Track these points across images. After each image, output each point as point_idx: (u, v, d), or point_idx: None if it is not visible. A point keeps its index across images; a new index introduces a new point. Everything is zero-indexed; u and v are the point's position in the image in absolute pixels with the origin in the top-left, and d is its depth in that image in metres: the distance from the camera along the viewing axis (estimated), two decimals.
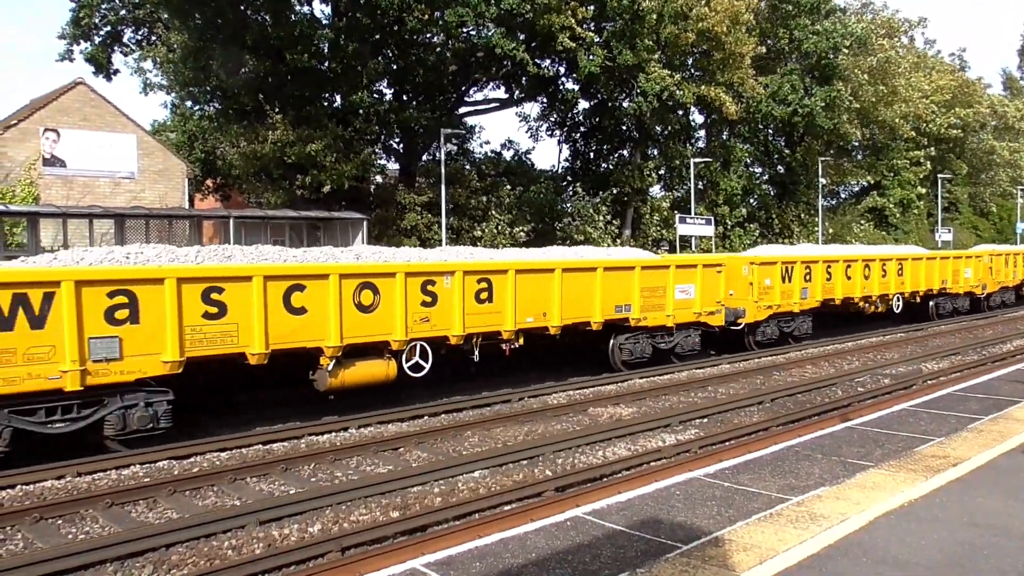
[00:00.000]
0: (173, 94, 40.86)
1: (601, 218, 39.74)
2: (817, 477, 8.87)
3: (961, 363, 19.40)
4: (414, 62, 34.50)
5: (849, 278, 23.71)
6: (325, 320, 12.40)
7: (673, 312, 17.81)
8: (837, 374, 17.91)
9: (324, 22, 33.20)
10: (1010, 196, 69.93)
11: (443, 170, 32.14)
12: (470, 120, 41.87)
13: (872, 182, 56.97)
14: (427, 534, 8.28)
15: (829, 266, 22.85)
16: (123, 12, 34.29)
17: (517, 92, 41.06)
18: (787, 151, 51.33)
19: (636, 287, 16.94)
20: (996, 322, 29.09)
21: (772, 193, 52.49)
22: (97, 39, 33.72)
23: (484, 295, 14.39)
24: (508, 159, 42.12)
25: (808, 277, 21.88)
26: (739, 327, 20.10)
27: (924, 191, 58.96)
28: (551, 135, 46.66)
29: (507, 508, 9.05)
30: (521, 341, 15.15)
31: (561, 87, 40.50)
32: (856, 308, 24.78)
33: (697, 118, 47.57)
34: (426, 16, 30.78)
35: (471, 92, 41.47)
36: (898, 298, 25.91)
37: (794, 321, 21.80)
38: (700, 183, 44.81)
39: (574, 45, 32.63)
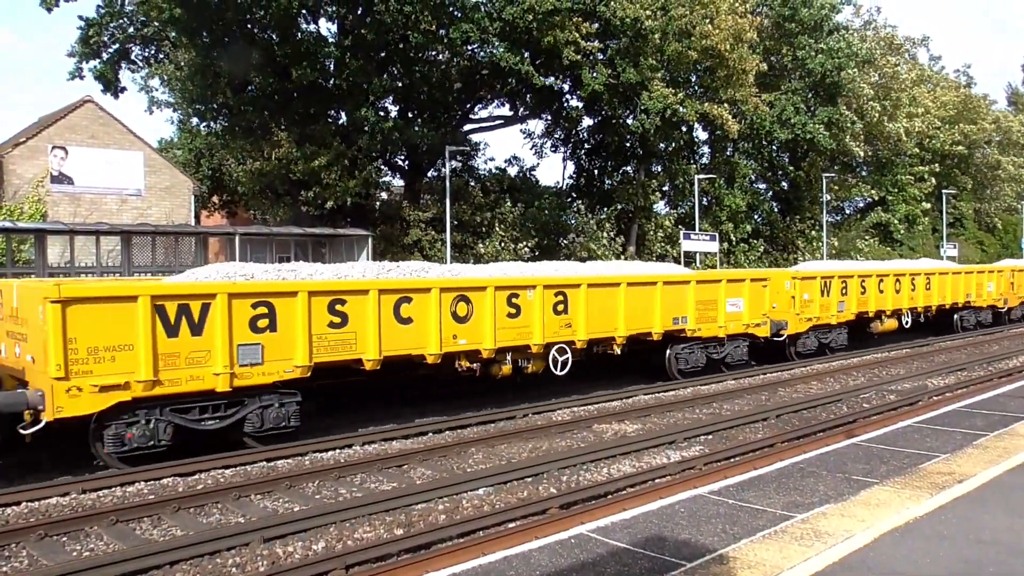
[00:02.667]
0: (179, 111, 41.19)
1: (604, 234, 39.80)
2: (822, 494, 8.85)
3: (967, 379, 19.33)
4: (419, 79, 34.74)
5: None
6: None
7: None
8: (842, 390, 17.86)
9: (330, 40, 33.49)
10: (1015, 211, 69.86)
11: (448, 186, 32.28)
12: (475, 137, 42.10)
13: (877, 198, 56.99)
14: (431, 552, 8.27)
15: (339, 302, 12.69)
16: (131, 30, 34.61)
17: (521, 109, 41.25)
18: (791, 167, 51.42)
19: None
20: (1002, 337, 29.00)
21: (777, 209, 52.53)
22: (105, 57, 34.03)
23: None
24: (512, 175, 42.26)
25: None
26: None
27: (929, 206, 58.96)
28: (555, 151, 46.88)
29: (511, 525, 9.04)
30: None
31: (565, 104, 40.72)
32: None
33: (701, 135, 47.75)
34: (432, 28, 30.96)
35: (476, 109, 41.70)
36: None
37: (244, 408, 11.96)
38: (704, 199, 44.89)
39: (579, 58, 32.81)
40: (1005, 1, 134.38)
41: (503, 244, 35.84)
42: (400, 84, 35.49)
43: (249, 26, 31.54)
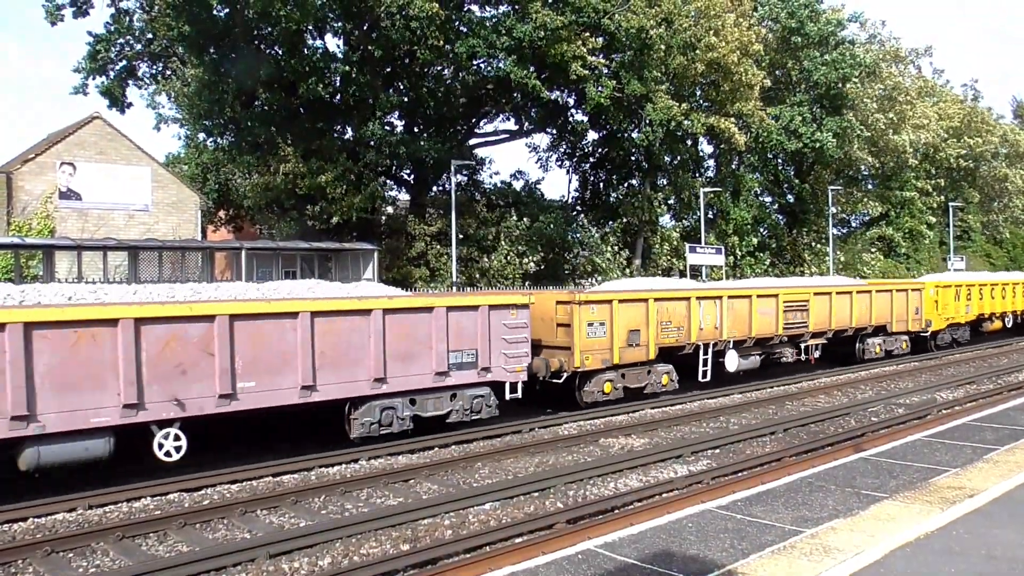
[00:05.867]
0: (186, 127, 41.38)
1: (608, 248, 39.78)
2: (831, 509, 8.77)
3: (976, 392, 19.23)
4: (425, 94, 34.87)
5: None
6: None
7: None
8: (850, 404, 17.78)
9: (337, 55, 33.65)
10: (1023, 224, 69.64)
11: (453, 200, 32.33)
12: (480, 151, 42.16)
13: (882, 211, 56.90)
14: (438, 567, 8.23)
15: None
16: (139, 47, 34.84)
17: (527, 123, 41.32)
18: (797, 180, 51.40)
19: None
20: (1011, 350, 28.84)
21: (782, 222, 52.47)
22: (112, 73, 34.24)
23: None
24: (518, 189, 42.30)
25: None
26: None
27: (935, 220, 58.83)
28: (560, 165, 46.91)
29: (518, 541, 8.99)
30: None
31: (570, 118, 40.79)
32: None
33: (706, 148, 47.78)
34: (439, 44, 31.06)
35: (481, 124, 41.78)
36: None
37: None
38: (710, 212, 44.84)
39: (587, 73, 32.94)
40: (1010, 14, 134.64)
41: (509, 258, 35.83)
42: (406, 99, 35.63)
43: (256, 42, 31.73)
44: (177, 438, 11.27)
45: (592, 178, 46.89)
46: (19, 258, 26.99)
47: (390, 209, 40.17)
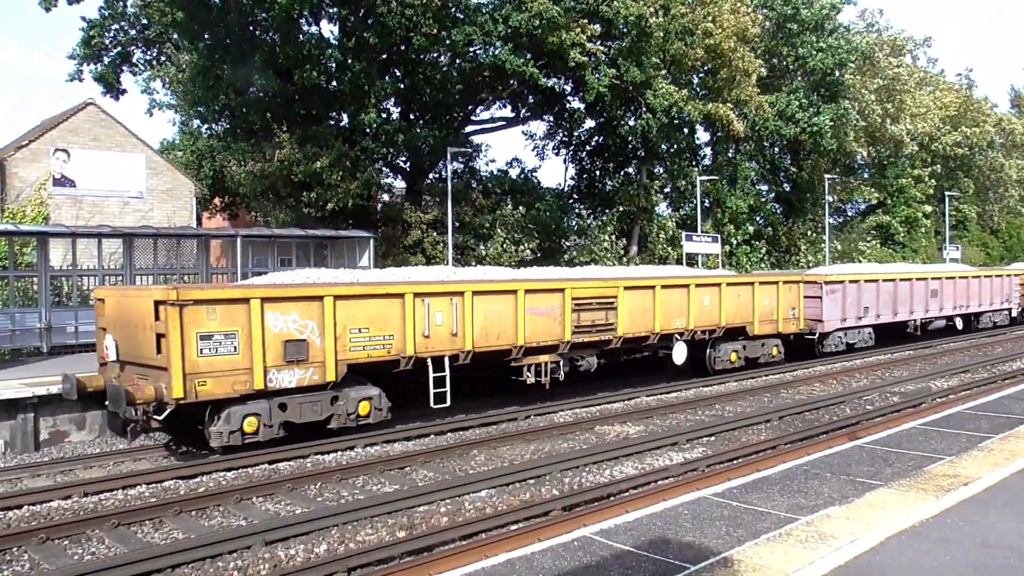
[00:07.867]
0: (181, 113, 41.16)
1: (606, 237, 39.73)
2: (826, 496, 8.79)
3: (971, 381, 19.29)
4: (421, 81, 34.70)
5: None
6: None
7: None
8: (845, 392, 17.83)
9: (332, 42, 33.46)
10: (1019, 214, 69.70)
11: (449, 188, 32.25)
12: (476, 139, 41.99)
13: (879, 199, 56.89)
14: (434, 554, 8.24)
15: None
16: (133, 33, 34.62)
17: (523, 111, 41.18)
18: (793, 169, 51.33)
19: None
20: (1005, 339, 28.94)
21: (779, 211, 52.43)
22: (107, 59, 34.02)
23: None
24: (514, 177, 42.19)
25: None
26: None
27: (931, 209, 58.86)
28: (557, 153, 46.80)
29: (514, 528, 9.01)
30: None
31: (567, 106, 40.67)
32: None
33: (703, 136, 47.68)
34: (434, 32, 30.90)
35: (477, 111, 41.62)
36: None
37: None
38: (706, 201, 44.80)
39: (585, 60, 32.80)
40: (1007, 3, 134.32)
41: (504, 246, 35.78)
42: (402, 86, 35.46)
43: (251, 28, 31.53)
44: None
45: (588, 166, 46.80)
46: (12, 245, 26.86)
47: (386, 197, 40.04)
